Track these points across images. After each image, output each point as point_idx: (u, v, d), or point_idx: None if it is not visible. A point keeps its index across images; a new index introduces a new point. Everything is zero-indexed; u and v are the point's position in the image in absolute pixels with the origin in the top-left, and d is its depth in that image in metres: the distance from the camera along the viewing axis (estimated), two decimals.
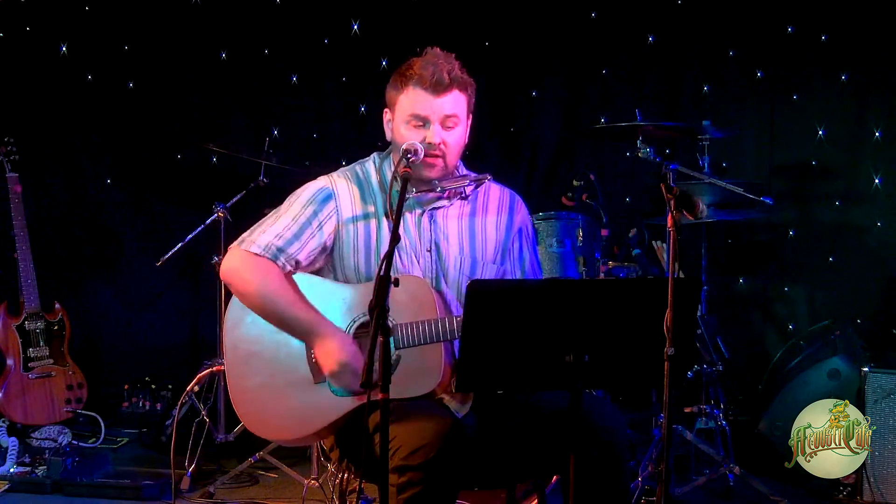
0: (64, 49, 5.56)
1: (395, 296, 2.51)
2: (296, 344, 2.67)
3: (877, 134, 5.09)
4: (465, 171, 2.82)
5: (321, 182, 2.77)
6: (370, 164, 2.82)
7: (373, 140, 5.24)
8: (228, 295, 2.78)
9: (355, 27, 5.43)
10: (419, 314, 2.58)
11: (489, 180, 2.80)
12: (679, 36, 5.26)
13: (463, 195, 2.79)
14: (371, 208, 2.74)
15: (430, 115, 2.65)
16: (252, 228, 2.75)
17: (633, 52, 5.30)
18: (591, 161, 5.26)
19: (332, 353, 2.57)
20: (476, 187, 2.80)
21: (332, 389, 2.62)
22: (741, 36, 5.20)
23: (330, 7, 5.43)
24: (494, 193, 2.86)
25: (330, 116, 5.52)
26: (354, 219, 2.73)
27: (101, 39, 5.52)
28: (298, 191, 2.78)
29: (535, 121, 5.42)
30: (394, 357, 2.57)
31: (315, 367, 2.65)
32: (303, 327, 2.63)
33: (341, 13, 5.43)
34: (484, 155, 5.28)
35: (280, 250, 2.69)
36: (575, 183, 4.32)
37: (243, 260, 2.70)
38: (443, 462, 2.38)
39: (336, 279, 2.77)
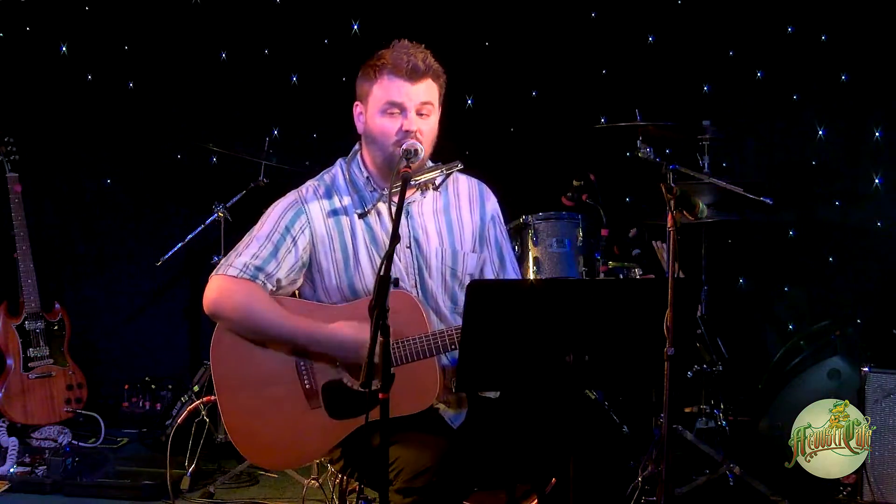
0: (64, 49, 5.55)
1: None
2: (288, 372, 2.64)
3: (877, 134, 5.08)
4: (431, 164, 2.81)
5: (290, 197, 2.77)
6: (336, 169, 2.83)
7: None
8: None
9: (355, 27, 5.43)
10: (409, 330, 2.57)
11: (458, 170, 2.79)
12: (679, 36, 5.26)
13: (434, 186, 2.79)
14: (342, 212, 2.74)
15: (406, 101, 2.65)
16: (227, 255, 2.74)
17: (633, 52, 5.30)
18: (591, 161, 5.25)
19: (345, 343, 2.56)
20: (447, 176, 2.80)
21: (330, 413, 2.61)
22: (741, 36, 5.20)
23: (330, 7, 5.43)
24: (464, 184, 2.87)
25: (330, 116, 5.51)
26: (327, 227, 2.72)
27: (101, 39, 5.52)
28: (269, 209, 2.77)
29: (535, 121, 5.41)
30: None
31: (310, 393, 2.63)
32: (301, 337, 2.61)
33: (341, 13, 5.43)
34: (484, 155, 5.27)
35: (259, 269, 2.67)
36: (575, 183, 4.32)
37: (224, 284, 2.68)
38: (445, 483, 2.41)
39: (316, 296, 2.75)
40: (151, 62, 5.53)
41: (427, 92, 2.67)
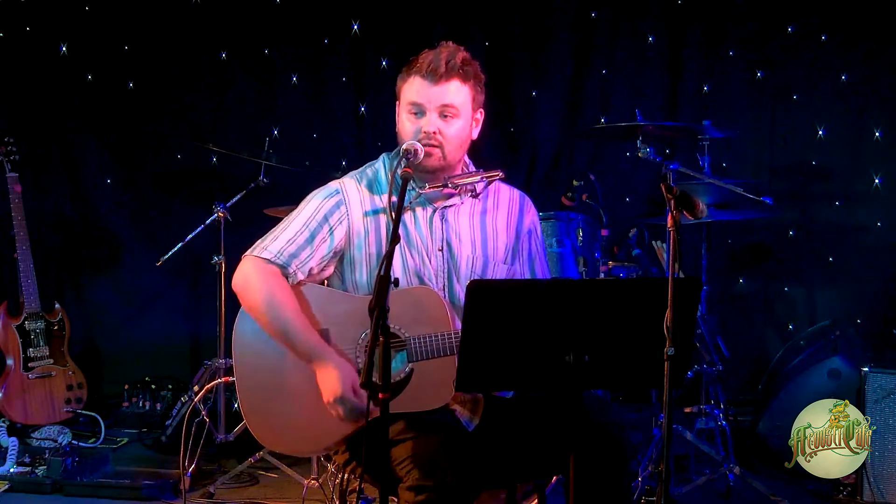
0: (64, 49, 5.55)
1: (407, 308, 2.52)
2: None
3: (877, 134, 5.09)
4: (474, 169, 2.81)
5: (331, 187, 2.75)
6: (380, 164, 2.81)
7: (373, 140, 5.30)
8: (229, 295, 2.77)
9: (355, 27, 5.42)
10: (432, 326, 2.56)
11: (500, 179, 2.78)
12: (679, 36, 5.26)
13: (474, 193, 2.78)
14: (381, 209, 2.72)
15: (426, 103, 2.65)
16: (264, 236, 2.73)
17: (633, 52, 5.30)
18: (591, 161, 5.26)
19: (332, 384, 2.54)
20: (488, 184, 2.79)
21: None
22: (741, 36, 5.21)
23: (330, 7, 5.43)
24: (504, 193, 2.86)
25: (330, 116, 5.51)
26: (365, 222, 2.71)
27: (101, 39, 5.52)
28: (309, 196, 2.75)
29: (535, 121, 5.42)
30: (407, 370, 2.57)
31: None
32: (305, 349, 2.60)
33: (341, 13, 5.42)
34: (484, 155, 5.27)
35: (293, 256, 2.67)
36: (575, 183, 4.33)
37: (255, 267, 2.67)
38: (457, 483, 2.40)
39: (344, 288, 2.74)
40: (151, 62, 5.52)
41: (452, 94, 2.66)
